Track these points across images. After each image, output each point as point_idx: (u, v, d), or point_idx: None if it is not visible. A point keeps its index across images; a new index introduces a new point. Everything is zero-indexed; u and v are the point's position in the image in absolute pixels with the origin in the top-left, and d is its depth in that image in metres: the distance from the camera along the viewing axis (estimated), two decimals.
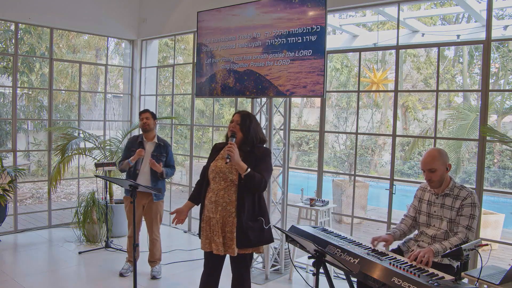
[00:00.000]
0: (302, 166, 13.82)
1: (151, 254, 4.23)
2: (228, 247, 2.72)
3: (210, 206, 2.76)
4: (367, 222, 7.82)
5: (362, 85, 8.99)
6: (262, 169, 2.72)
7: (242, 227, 2.69)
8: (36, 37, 10.68)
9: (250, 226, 2.71)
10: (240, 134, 2.76)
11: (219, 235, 2.71)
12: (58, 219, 6.13)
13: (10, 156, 5.78)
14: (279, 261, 4.43)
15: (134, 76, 6.74)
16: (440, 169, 2.72)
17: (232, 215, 2.71)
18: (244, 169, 2.63)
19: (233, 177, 2.72)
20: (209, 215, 2.77)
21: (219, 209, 2.73)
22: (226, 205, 2.72)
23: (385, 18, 5.67)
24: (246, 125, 2.77)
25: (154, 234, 4.18)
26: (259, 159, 2.75)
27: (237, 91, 4.45)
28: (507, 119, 11.45)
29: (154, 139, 4.20)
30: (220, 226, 2.72)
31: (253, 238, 2.72)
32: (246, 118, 2.80)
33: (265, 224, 2.78)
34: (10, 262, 4.56)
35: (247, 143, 2.78)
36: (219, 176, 2.75)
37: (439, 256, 2.57)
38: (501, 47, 10.59)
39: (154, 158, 4.09)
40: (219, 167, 2.76)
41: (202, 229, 2.82)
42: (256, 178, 2.65)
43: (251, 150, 2.77)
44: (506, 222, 6.95)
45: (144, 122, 4.16)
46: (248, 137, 2.77)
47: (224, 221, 2.72)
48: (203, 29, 4.76)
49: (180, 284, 4.09)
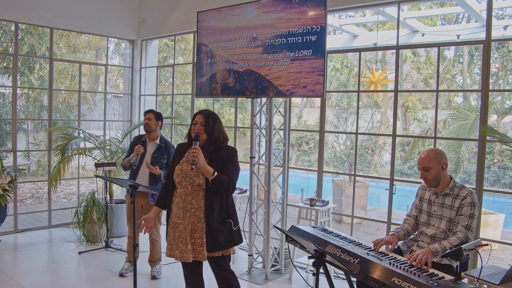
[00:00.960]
0: (302, 166, 13.82)
1: (151, 254, 4.23)
2: (198, 253, 2.66)
3: (178, 211, 2.69)
4: (367, 222, 7.82)
5: (362, 85, 8.99)
6: (229, 170, 2.66)
7: (211, 231, 2.64)
8: (37, 38, 10.68)
9: (219, 229, 2.66)
10: (204, 136, 2.68)
11: (187, 241, 2.65)
12: (58, 219, 6.13)
13: (10, 156, 5.78)
14: (279, 261, 4.43)
15: (134, 76, 6.74)
16: (434, 167, 2.73)
17: (201, 220, 2.66)
18: (210, 173, 2.56)
19: (200, 181, 2.65)
20: (176, 221, 2.70)
21: (188, 215, 2.66)
22: (195, 211, 2.66)
23: (385, 18, 5.67)
24: (210, 126, 2.69)
25: (153, 235, 4.18)
26: (225, 160, 2.68)
27: (237, 91, 4.45)
28: (507, 119, 11.45)
29: (156, 140, 4.19)
30: (189, 232, 2.66)
31: (222, 241, 2.67)
32: (210, 118, 2.71)
33: (234, 225, 2.74)
34: (10, 262, 4.56)
35: (210, 144, 2.70)
36: (185, 180, 2.67)
37: (439, 255, 2.57)
38: (501, 47, 10.59)
39: (154, 159, 4.08)
40: (185, 171, 2.68)
41: (168, 234, 2.76)
42: (223, 181, 2.59)
43: (216, 151, 2.70)
44: (506, 222, 6.95)
45: (146, 123, 4.16)
46: (212, 138, 2.70)
47: (193, 227, 2.66)
48: (203, 29, 4.76)
49: (180, 284, 4.08)
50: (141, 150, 4.05)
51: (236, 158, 2.78)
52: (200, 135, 2.67)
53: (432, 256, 2.52)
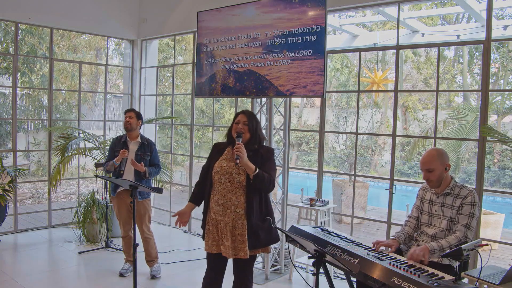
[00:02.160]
0: (302, 166, 13.82)
1: (147, 253, 4.21)
2: (239, 250, 2.66)
3: (218, 208, 2.71)
4: (367, 222, 7.82)
5: (362, 85, 8.99)
6: (269, 168, 2.71)
7: (252, 228, 2.67)
8: (38, 38, 10.68)
9: (260, 227, 2.70)
10: (248, 135, 2.73)
11: (228, 238, 2.66)
12: (58, 219, 6.13)
13: (10, 156, 5.78)
14: (279, 261, 4.43)
15: (134, 76, 6.74)
16: (438, 169, 2.73)
17: (241, 217, 2.67)
18: (252, 169, 2.60)
19: (241, 178, 2.68)
20: (216, 218, 2.71)
21: (228, 211, 2.68)
22: (235, 207, 2.67)
23: (385, 18, 5.66)
24: (254, 126, 2.76)
25: (145, 233, 4.17)
26: (265, 159, 2.73)
27: (237, 91, 4.45)
28: (507, 119, 11.45)
29: (137, 138, 4.18)
30: (229, 229, 2.67)
31: (263, 238, 2.70)
32: (253, 118, 2.78)
33: (273, 223, 2.78)
34: (10, 262, 4.55)
35: (255, 143, 2.76)
36: (225, 177, 2.70)
37: (435, 254, 2.57)
38: (501, 47, 10.59)
39: (138, 157, 4.09)
40: (225, 168, 2.71)
41: (208, 231, 2.77)
42: (265, 178, 2.63)
43: (256, 150, 2.75)
44: (506, 222, 6.95)
45: (127, 121, 4.15)
46: (256, 137, 2.76)
47: (233, 224, 2.67)
48: (203, 29, 4.76)
49: (180, 284, 4.09)
50: (127, 155, 4.04)
51: (273, 158, 2.83)
52: (243, 134, 2.71)
53: (429, 253, 2.52)
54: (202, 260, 4.70)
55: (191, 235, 5.77)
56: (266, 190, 2.71)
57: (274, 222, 2.81)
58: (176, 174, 10.10)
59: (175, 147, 9.21)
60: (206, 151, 11.81)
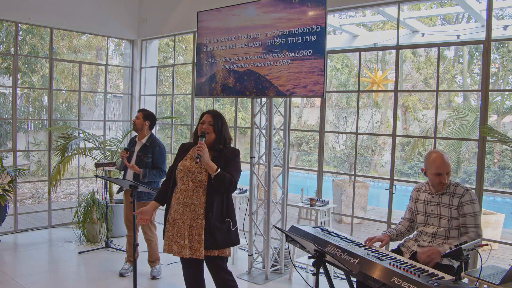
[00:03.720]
0: (302, 166, 13.82)
1: (149, 254, 4.23)
2: (195, 250, 2.66)
3: (178, 207, 2.71)
4: (367, 222, 7.82)
5: (362, 85, 8.99)
6: (232, 169, 2.71)
7: (210, 228, 2.65)
8: (39, 38, 10.67)
9: (217, 227, 2.67)
10: (213, 135, 2.74)
11: (185, 237, 2.66)
12: (58, 219, 6.13)
13: (10, 156, 5.78)
14: (279, 261, 4.43)
15: (134, 76, 6.74)
16: (450, 171, 2.79)
17: (200, 216, 2.67)
18: (214, 169, 2.60)
19: (202, 177, 2.68)
20: (175, 217, 2.72)
21: (187, 210, 2.68)
22: (194, 206, 2.67)
23: (385, 18, 5.67)
24: (219, 126, 2.77)
25: (147, 235, 4.18)
26: (229, 159, 2.73)
27: (237, 91, 4.45)
28: (507, 119, 11.45)
29: (143, 139, 4.18)
30: (187, 228, 2.67)
31: (219, 239, 2.67)
32: (218, 118, 2.79)
33: (232, 225, 2.75)
34: (10, 262, 4.55)
35: (219, 143, 2.76)
36: (187, 176, 2.71)
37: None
38: (501, 47, 10.59)
39: (138, 158, 4.10)
40: (188, 167, 2.72)
41: (166, 230, 2.78)
42: (226, 178, 2.63)
43: (221, 150, 2.76)
44: (506, 222, 6.94)
45: (133, 121, 4.19)
46: (221, 137, 2.77)
47: (191, 223, 2.67)
48: (203, 29, 4.76)
49: (180, 284, 4.08)
50: (124, 156, 4.06)
51: (239, 159, 2.82)
52: (207, 133, 2.73)
53: (440, 257, 2.56)
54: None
55: None
56: (226, 190, 2.70)
57: (234, 224, 2.78)
58: None
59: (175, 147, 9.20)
60: None
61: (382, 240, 2.86)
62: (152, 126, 4.26)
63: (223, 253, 2.74)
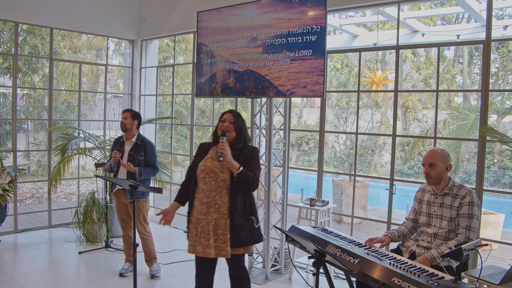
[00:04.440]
0: (302, 166, 13.82)
1: (145, 253, 4.22)
2: (221, 250, 2.67)
3: (201, 207, 2.72)
4: (367, 222, 7.82)
5: (362, 85, 8.99)
6: (253, 167, 2.72)
7: (234, 227, 2.67)
8: (40, 38, 10.67)
9: (242, 226, 2.69)
10: (233, 133, 2.76)
11: (210, 237, 2.67)
12: (58, 219, 6.13)
13: (10, 156, 5.78)
14: (279, 261, 4.43)
15: (134, 76, 6.74)
16: (440, 166, 2.75)
17: (224, 216, 2.68)
18: (236, 167, 2.61)
19: (225, 176, 2.68)
20: (198, 217, 2.72)
21: (211, 210, 2.69)
22: (218, 206, 2.68)
23: (385, 18, 5.67)
24: (240, 125, 2.79)
25: (141, 233, 4.17)
26: (250, 157, 2.75)
27: (237, 91, 4.45)
28: (507, 119, 11.45)
29: (133, 138, 4.19)
30: (212, 228, 2.67)
31: (244, 237, 2.69)
32: (239, 118, 2.82)
33: (256, 223, 2.77)
34: (10, 262, 4.55)
35: (240, 142, 2.78)
36: (209, 176, 2.71)
37: (437, 261, 2.58)
38: (501, 47, 10.59)
39: (131, 157, 4.10)
40: (209, 167, 2.72)
41: (189, 231, 2.79)
42: (248, 176, 2.64)
43: (241, 149, 2.77)
44: (506, 222, 6.95)
45: (121, 121, 4.18)
46: (241, 136, 2.78)
47: (216, 223, 2.68)
48: (203, 29, 4.76)
49: (180, 284, 4.09)
50: (118, 156, 4.06)
51: (258, 157, 2.84)
52: (228, 132, 2.74)
53: (430, 263, 2.56)
54: None
55: None
56: (249, 188, 2.71)
57: (257, 222, 2.81)
58: (176, 174, 10.08)
59: (175, 147, 9.21)
60: None
61: (382, 241, 2.85)
62: (139, 125, 4.28)
63: (247, 250, 2.77)
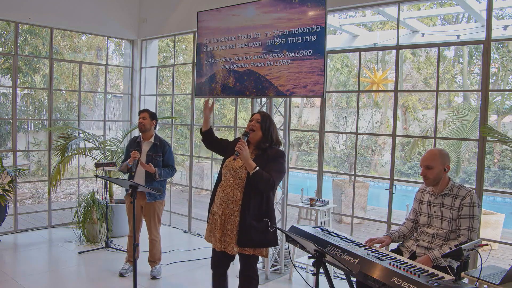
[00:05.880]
0: (302, 166, 13.82)
1: (150, 254, 4.23)
2: (227, 245, 2.73)
3: (217, 201, 2.82)
4: (367, 222, 7.82)
5: (362, 85, 8.99)
6: (272, 169, 2.71)
7: (245, 226, 2.69)
8: (41, 38, 10.66)
9: (253, 226, 2.70)
10: (259, 133, 2.81)
11: (219, 231, 2.75)
12: (58, 219, 6.13)
13: (10, 156, 5.78)
14: (279, 261, 4.43)
15: (134, 76, 6.74)
16: (437, 167, 2.74)
17: (235, 213, 2.72)
18: (252, 167, 2.64)
19: (243, 175, 2.73)
20: (215, 210, 2.83)
21: (223, 205, 2.76)
22: (230, 203, 2.74)
23: (385, 18, 5.67)
24: (266, 124, 2.82)
25: (153, 235, 4.17)
26: (271, 159, 2.76)
27: (237, 91, 4.45)
28: (507, 119, 11.45)
29: (151, 138, 4.18)
30: (221, 222, 2.74)
31: (255, 238, 2.70)
32: (267, 118, 2.86)
33: (270, 226, 2.76)
34: (10, 262, 4.55)
35: (266, 141, 2.81)
36: (230, 172, 2.79)
37: (438, 262, 2.58)
38: (501, 47, 10.59)
39: (149, 157, 4.08)
40: (232, 164, 2.79)
41: (209, 221, 2.89)
42: (263, 177, 2.63)
43: (265, 150, 2.79)
44: (506, 222, 6.94)
45: (140, 122, 4.15)
46: (267, 136, 2.82)
47: (226, 218, 2.74)
48: (203, 29, 4.76)
49: (180, 284, 4.09)
50: (137, 156, 4.03)
51: (283, 160, 2.83)
52: (253, 131, 2.79)
53: (431, 263, 2.55)
54: (202, 260, 4.71)
55: (191, 235, 5.77)
56: (264, 189, 2.69)
57: (273, 224, 2.79)
58: (176, 174, 10.08)
59: (175, 147, 9.21)
60: (206, 151, 11.79)
61: (383, 241, 2.85)
62: (156, 125, 4.28)
63: (259, 252, 2.78)
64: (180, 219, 6.29)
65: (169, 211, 6.27)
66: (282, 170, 2.78)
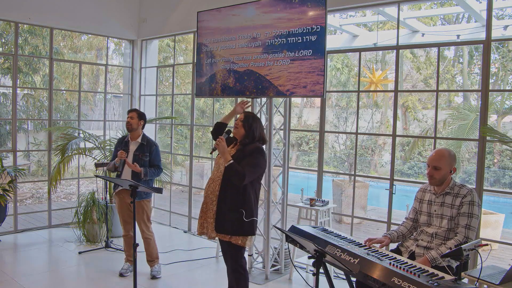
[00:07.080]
0: (302, 166, 13.82)
1: (147, 254, 4.22)
2: (207, 230, 3.03)
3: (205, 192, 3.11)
4: (367, 222, 7.82)
5: (362, 85, 8.99)
6: (246, 163, 2.90)
7: (221, 214, 2.94)
8: (41, 38, 10.66)
9: (227, 215, 2.92)
10: (242, 130, 3.03)
11: (201, 218, 3.07)
12: (58, 219, 6.13)
13: (10, 156, 5.78)
14: (279, 261, 4.43)
15: (134, 76, 6.74)
16: (444, 169, 2.74)
17: (213, 203, 2.99)
18: (227, 160, 2.89)
19: (222, 168, 2.97)
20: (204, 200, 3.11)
21: (206, 196, 3.05)
22: (210, 193, 3.02)
23: (385, 18, 5.67)
24: (249, 123, 3.04)
25: (145, 233, 4.16)
26: (247, 154, 2.96)
27: (237, 91, 4.45)
28: (507, 119, 11.45)
29: (138, 138, 4.17)
30: (203, 210, 3.06)
31: (229, 227, 2.92)
32: (250, 117, 3.09)
33: (246, 216, 2.93)
34: (10, 262, 4.56)
35: (247, 137, 3.03)
36: (216, 166, 3.08)
37: (437, 262, 2.58)
38: (501, 47, 10.59)
39: (136, 157, 4.08)
40: (218, 159, 3.07)
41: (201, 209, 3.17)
42: (233, 169, 2.86)
43: (246, 145, 3.02)
44: (506, 222, 6.95)
45: (127, 121, 4.15)
46: (249, 134, 3.03)
47: (207, 207, 3.04)
48: (203, 29, 4.76)
49: (180, 284, 4.09)
50: (124, 156, 4.03)
51: (259, 155, 2.99)
52: (236, 129, 3.06)
53: (430, 264, 2.56)
54: (202, 260, 4.71)
55: (191, 235, 5.77)
56: (235, 181, 2.88)
57: (250, 216, 2.96)
58: (176, 174, 10.10)
59: (175, 147, 9.21)
60: (206, 151, 11.80)
61: (382, 241, 2.85)
62: (144, 126, 4.27)
63: (235, 240, 2.95)
64: (180, 219, 6.29)
65: (169, 211, 6.27)
66: (256, 165, 2.95)
